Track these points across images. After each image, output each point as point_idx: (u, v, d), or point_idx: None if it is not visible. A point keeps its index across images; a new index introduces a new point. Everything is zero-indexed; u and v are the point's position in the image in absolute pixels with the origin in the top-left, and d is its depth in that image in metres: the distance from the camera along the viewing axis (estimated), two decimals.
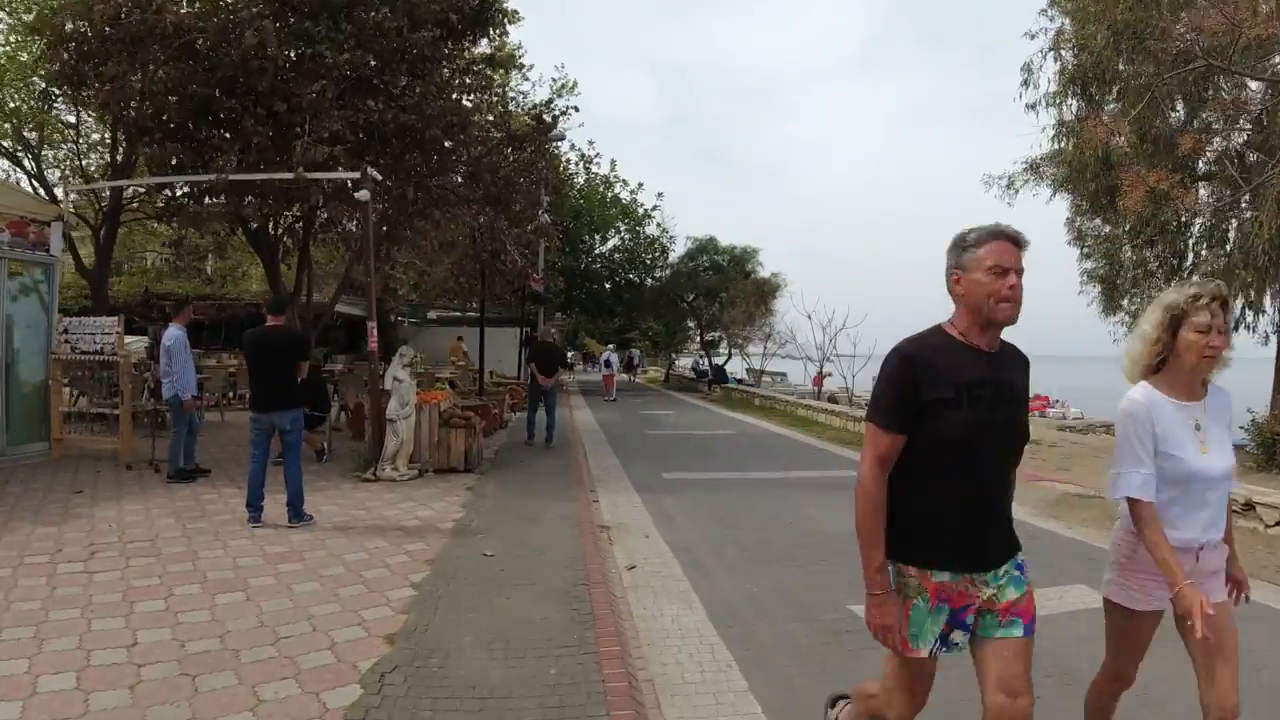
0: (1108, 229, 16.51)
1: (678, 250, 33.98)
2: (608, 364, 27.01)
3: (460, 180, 11.64)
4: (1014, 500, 2.52)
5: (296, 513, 6.80)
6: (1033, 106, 14.14)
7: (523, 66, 16.90)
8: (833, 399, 24.98)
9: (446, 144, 11.17)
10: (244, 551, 5.86)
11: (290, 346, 7.02)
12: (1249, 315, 13.07)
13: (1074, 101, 13.67)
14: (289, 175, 9.68)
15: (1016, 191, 16.96)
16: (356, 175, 9.42)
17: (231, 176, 10.01)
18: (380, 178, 9.78)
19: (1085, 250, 16.92)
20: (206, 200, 12.01)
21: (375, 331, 9.41)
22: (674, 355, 47.07)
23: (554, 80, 27.80)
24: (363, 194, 9.33)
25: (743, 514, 7.77)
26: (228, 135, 10.75)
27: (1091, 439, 21.44)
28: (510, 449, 12.16)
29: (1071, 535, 7.26)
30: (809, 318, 20.39)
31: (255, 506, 6.80)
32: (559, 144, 30.53)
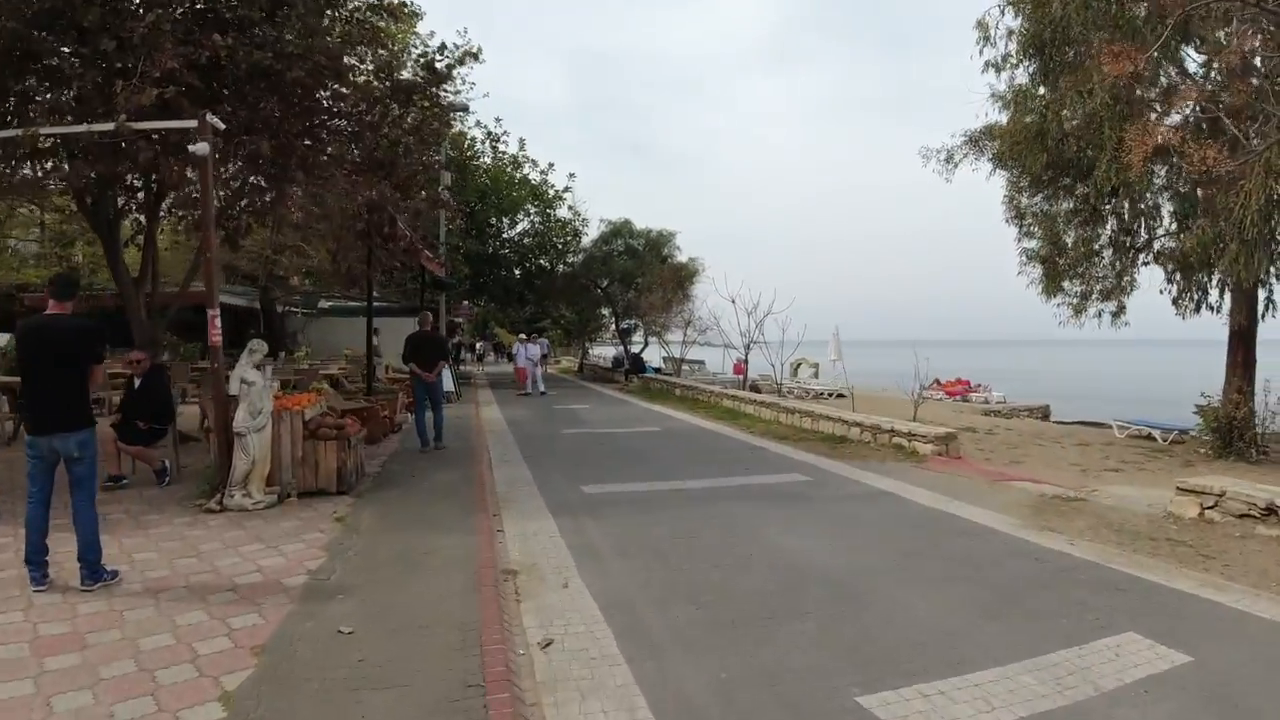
0: (1049, 206, 15.68)
1: (591, 234, 32.34)
2: (519, 356, 24.10)
3: (333, 138, 9.71)
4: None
5: (92, 570, 4.97)
6: (995, 66, 13.05)
7: (415, 15, 14.80)
8: (755, 387, 23.84)
9: (317, 95, 9.24)
10: (6, 634, 4.06)
11: (77, 340, 5.10)
12: (1214, 295, 12.42)
13: (1030, 64, 12.64)
14: (108, 127, 7.62)
15: (955, 166, 16.00)
16: (192, 124, 7.45)
17: (43, 131, 7.91)
18: (224, 126, 7.81)
19: (1025, 229, 16.09)
20: (27, 165, 9.70)
21: (217, 322, 7.46)
22: (588, 344, 45.43)
23: (455, 46, 25.59)
24: (200, 147, 7.36)
25: (687, 544, 6.23)
26: (47, 83, 8.62)
27: (1021, 424, 20.95)
28: (402, 459, 10.35)
29: (1083, 555, 6.01)
30: (733, 302, 19.08)
31: (36, 563, 4.94)
32: (462, 116, 28.48)
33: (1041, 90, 12.36)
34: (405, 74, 11.08)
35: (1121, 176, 10.48)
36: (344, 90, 9.71)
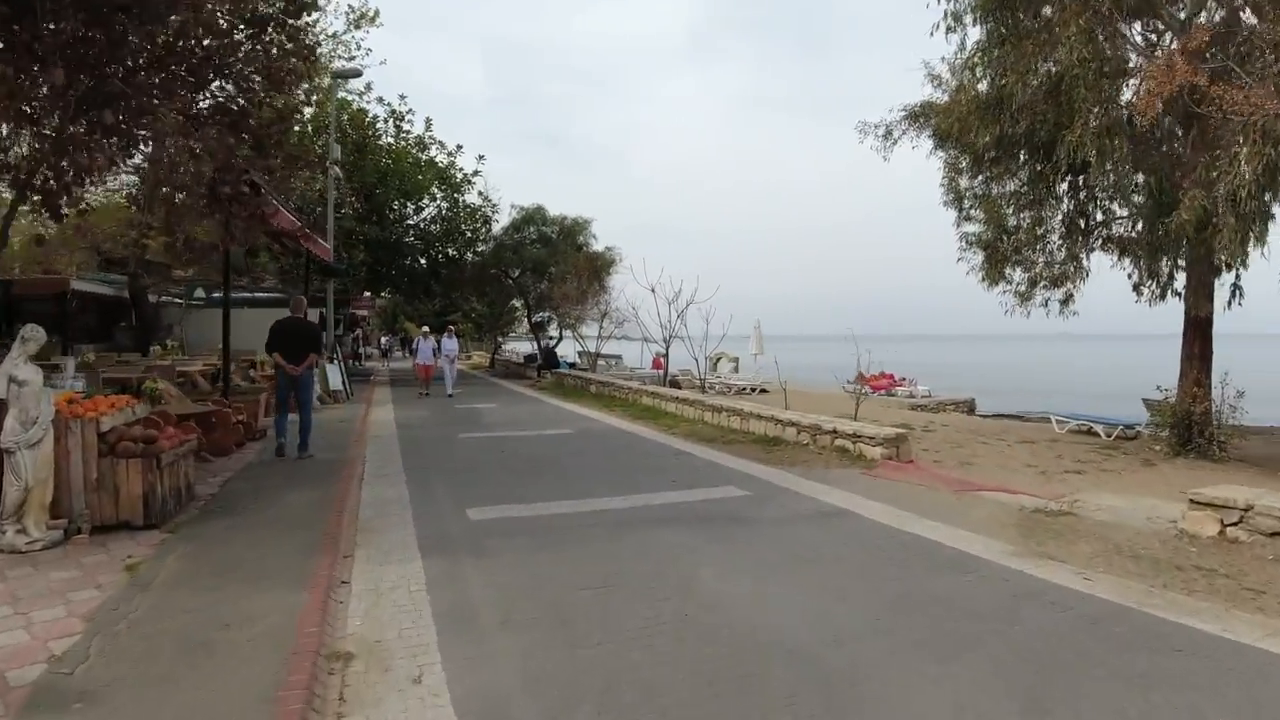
0: (993, 189, 14.64)
1: (503, 221, 30.32)
2: (420, 352, 20.78)
3: (158, 71, 7.68)
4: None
5: None
6: (947, 27, 11.75)
7: None
8: (675, 383, 22.39)
9: (126, 13, 7.21)
10: None
11: None
12: (1180, 280, 11.50)
13: (988, 24, 11.42)
14: None
15: (895, 142, 14.81)
16: None
17: None
18: None
19: (964, 212, 15.03)
20: None
21: None
22: (500, 338, 43.30)
23: (350, 8, 23.34)
24: None
25: (600, 601, 4.60)
26: None
27: (956, 419, 20.10)
28: (252, 475, 8.40)
29: (1108, 596, 4.66)
30: (652, 291, 17.57)
31: None
32: (362, 92, 26.15)
33: (997, 53, 11.19)
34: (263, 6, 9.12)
35: (1096, 144, 9.36)
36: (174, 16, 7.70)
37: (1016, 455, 12.21)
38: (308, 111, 24.97)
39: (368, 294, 35.52)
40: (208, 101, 8.75)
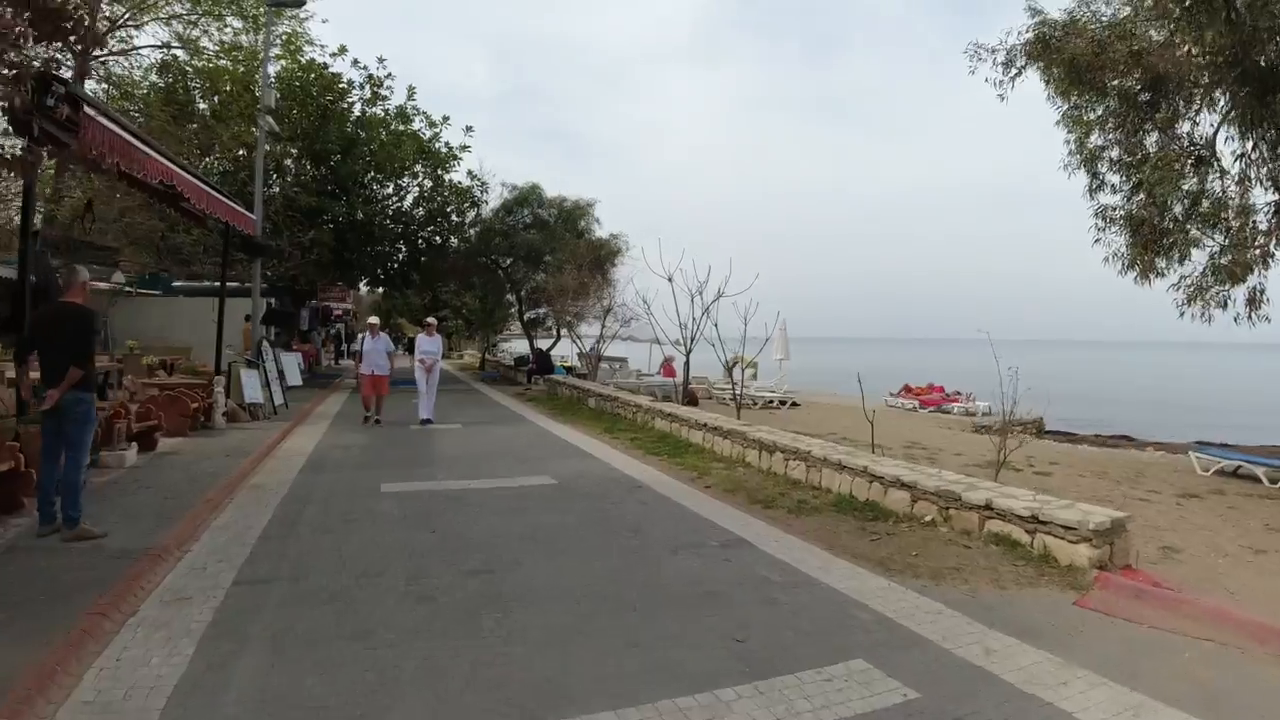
0: (1137, 139, 10.60)
1: (492, 203, 26.22)
2: (370, 358, 13.13)
3: None
4: None
5: None
6: None
7: None
8: (692, 397, 18.17)
9: None
10: None
11: None
12: None
13: None
14: None
15: (1018, 74, 10.69)
16: None
17: None
18: None
19: (1100, 178, 10.98)
20: None
21: None
22: (494, 337, 39.12)
23: None
24: None
25: None
26: None
27: (1046, 447, 16.01)
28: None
29: None
30: (670, 281, 13.49)
31: None
32: (326, 41, 21.97)
33: None
34: None
35: None
36: None
37: (1202, 521, 8.27)
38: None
39: (340, 284, 31.46)
40: None
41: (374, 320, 13.88)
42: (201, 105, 20.80)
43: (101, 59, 19.29)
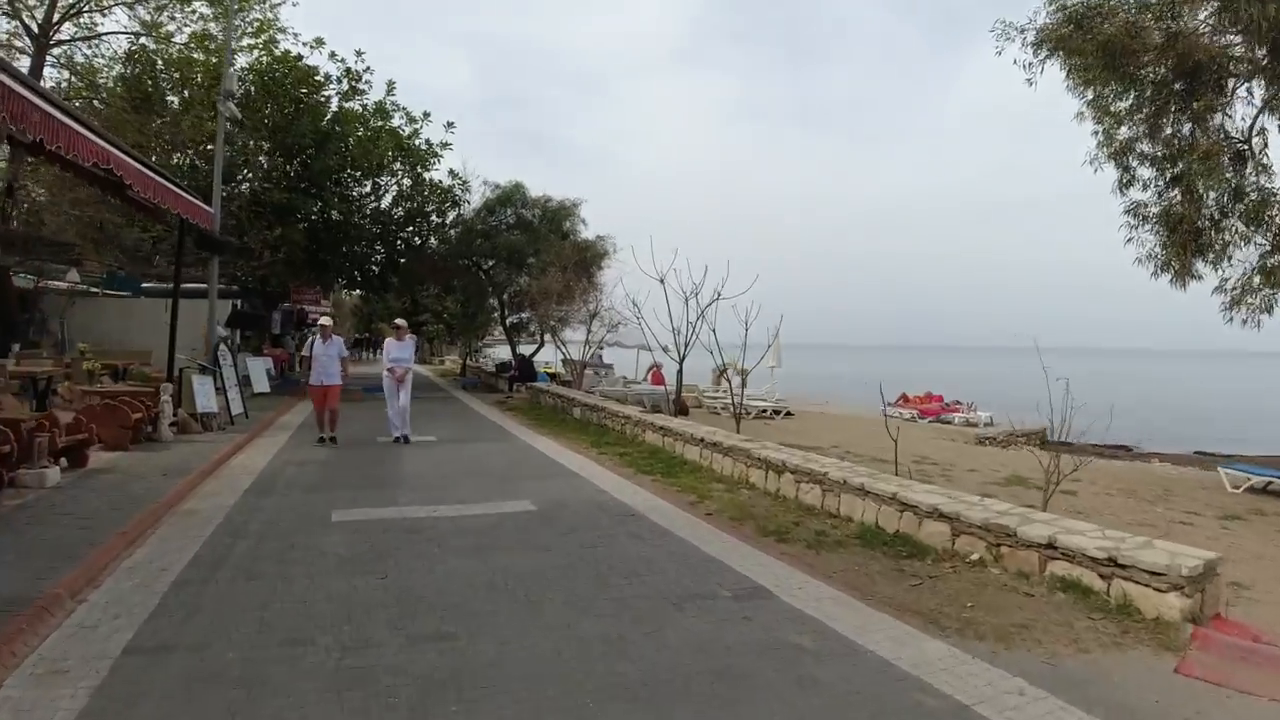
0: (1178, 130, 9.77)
1: (474, 202, 25.12)
2: (320, 367, 11.44)
3: None
4: None
5: None
6: None
7: None
8: (681, 408, 17.11)
9: None
10: None
11: None
12: None
13: None
14: None
15: (1050, 55, 9.78)
16: None
17: None
18: None
19: (1129, 173, 10.11)
20: None
21: None
22: (477, 342, 37.92)
23: None
24: None
25: None
26: None
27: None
28: None
29: None
30: (662, 282, 12.47)
31: None
32: (298, 32, 20.74)
33: None
34: None
35: None
36: None
37: (1257, 548, 7.47)
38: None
39: (316, 288, 30.21)
40: None
41: (326, 321, 11.82)
42: (171, 98, 19.65)
43: (62, 44, 18.09)
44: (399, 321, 12.27)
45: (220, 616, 4.32)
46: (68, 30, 18.06)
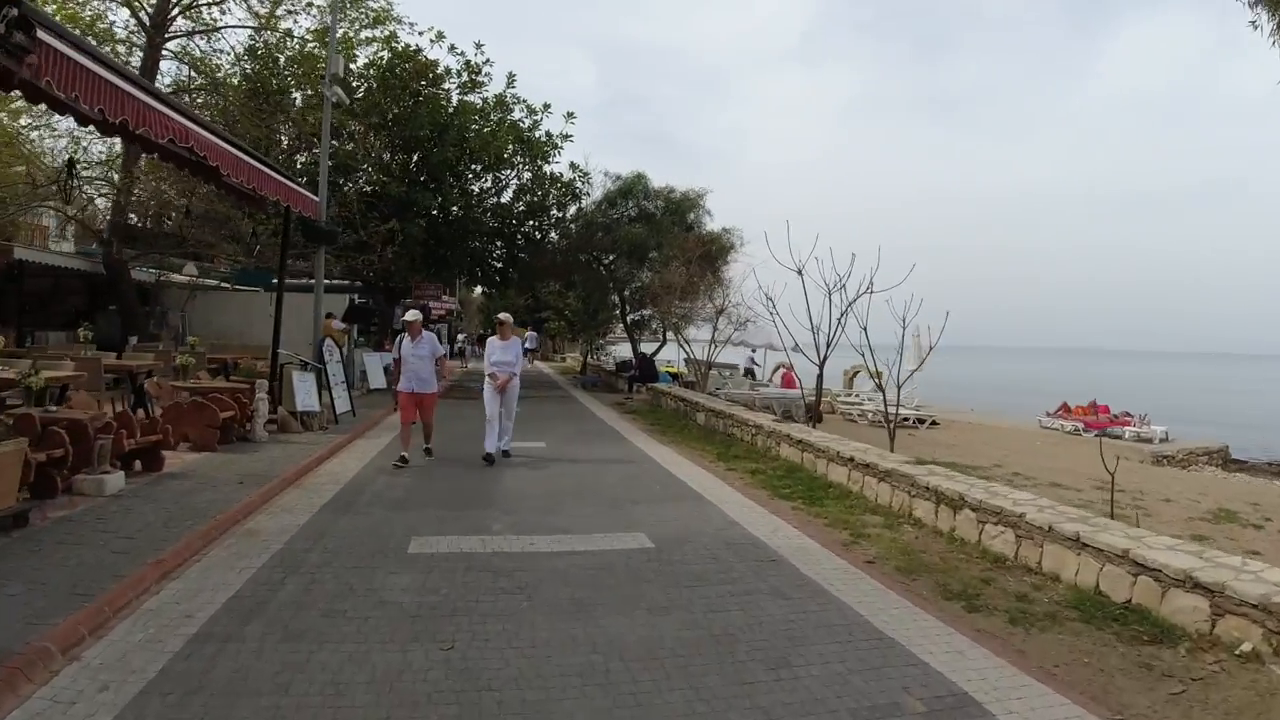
0: None
1: (594, 195, 24.15)
2: (413, 368, 9.51)
3: None
4: None
5: None
6: None
7: None
8: (814, 415, 15.38)
9: None
10: None
11: None
12: None
13: None
14: None
15: None
16: None
17: None
18: None
19: None
20: None
21: None
22: (599, 340, 37.09)
23: None
24: None
25: None
26: None
27: (1245, 485, 12.62)
28: None
29: None
30: (800, 274, 10.90)
31: None
32: (417, 23, 20.28)
33: None
34: None
35: None
36: None
37: None
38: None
39: (441, 286, 30.06)
40: None
41: (412, 316, 9.73)
42: (295, 94, 19.54)
43: (176, 38, 18.17)
44: (501, 316, 10.41)
45: (226, 701, 3.21)
46: (184, 26, 18.10)
